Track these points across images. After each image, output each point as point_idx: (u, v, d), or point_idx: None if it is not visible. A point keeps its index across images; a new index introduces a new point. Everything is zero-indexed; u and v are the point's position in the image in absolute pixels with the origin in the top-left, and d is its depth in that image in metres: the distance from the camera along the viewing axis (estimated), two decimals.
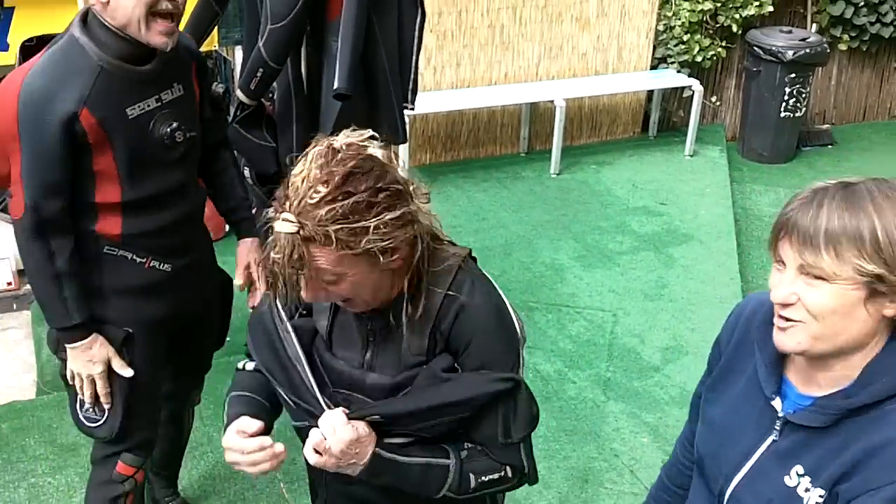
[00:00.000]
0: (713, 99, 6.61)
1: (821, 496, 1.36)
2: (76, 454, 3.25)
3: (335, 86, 2.69)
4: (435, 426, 1.60)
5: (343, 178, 1.45)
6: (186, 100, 2.27)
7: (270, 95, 2.90)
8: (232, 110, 2.85)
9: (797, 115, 6.27)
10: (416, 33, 2.97)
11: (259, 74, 2.74)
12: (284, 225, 1.46)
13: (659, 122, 6.50)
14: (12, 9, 4.09)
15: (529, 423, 1.65)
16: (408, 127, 5.32)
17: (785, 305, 1.33)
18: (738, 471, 1.47)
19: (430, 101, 5.53)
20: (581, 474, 3.31)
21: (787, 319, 1.34)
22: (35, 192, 2.09)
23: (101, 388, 2.31)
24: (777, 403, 1.44)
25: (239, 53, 4.48)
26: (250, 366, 1.82)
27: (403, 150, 5.38)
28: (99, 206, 2.20)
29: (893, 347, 1.34)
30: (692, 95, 6.13)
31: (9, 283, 4.26)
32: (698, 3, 6.17)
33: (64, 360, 2.34)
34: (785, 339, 1.36)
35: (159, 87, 2.18)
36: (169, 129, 2.19)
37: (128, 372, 2.31)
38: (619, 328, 4.21)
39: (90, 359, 2.27)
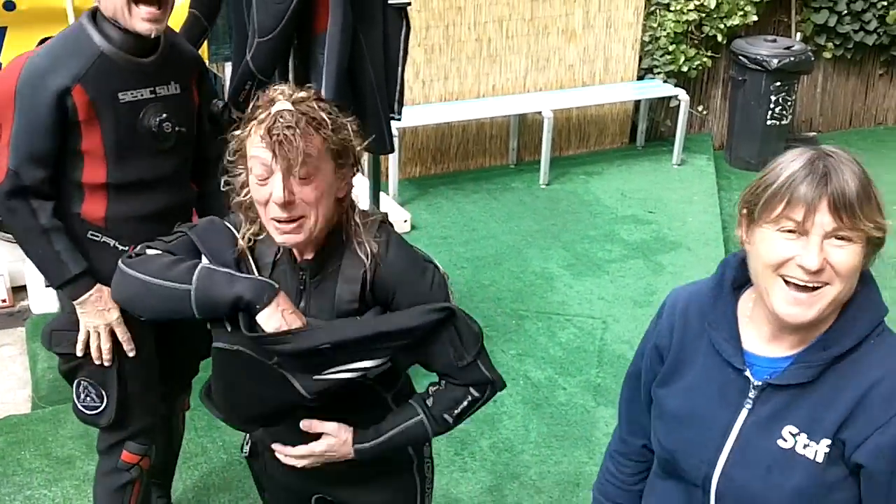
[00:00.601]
0: (700, 108, 6.69)
1: (828, 446, 1.41)
2: (71, 467, 3.28)
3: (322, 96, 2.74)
4: (377, 351, 1.70)
5: (317, 93, 1.71)
6: (182, 99, 2.37)
7: None
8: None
9: (783, 122, 6.35)
10: (402, 45, 3.03)
11: (248, 87, 2.79)
12: (286, 104, 1.63)
13: (646, 131, 6.57)
14: (4, 28, 4.13)
15: (476, 341, 1.78)
16: (397, 140, 5.39)
17: (817, 272, 1.37)
18: (721, 450, 1.49)
19: (419, 114, 5.59)
20: (572, 479, 3.34)
21: (814, 288, 1.38)
22: (19, 159, 2.18)
23: (122, 335, 2.35)
24: (749, 373, 1.48)
25: (229, 70, 4.54)
26: (152, 251, 1.81)
27: (393, 162, 5.44)
28: (85, 187, 2.28)
29: (861, 294, 1.43)
30: (679, 105, 6.20)
31: (3, 301, 4.29)
32: (683, 13, 6.25)
33: (63, 354, 2.38)
34: (807, 311, 1.40)
35: (155, 81, 2.28)
36: (158, 120, 2.28)
37: None
38: (609, 335, 4.25)
39: (104, 307, 2.30)
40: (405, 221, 5.14)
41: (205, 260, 1.77)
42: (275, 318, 1.67)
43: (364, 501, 1.99)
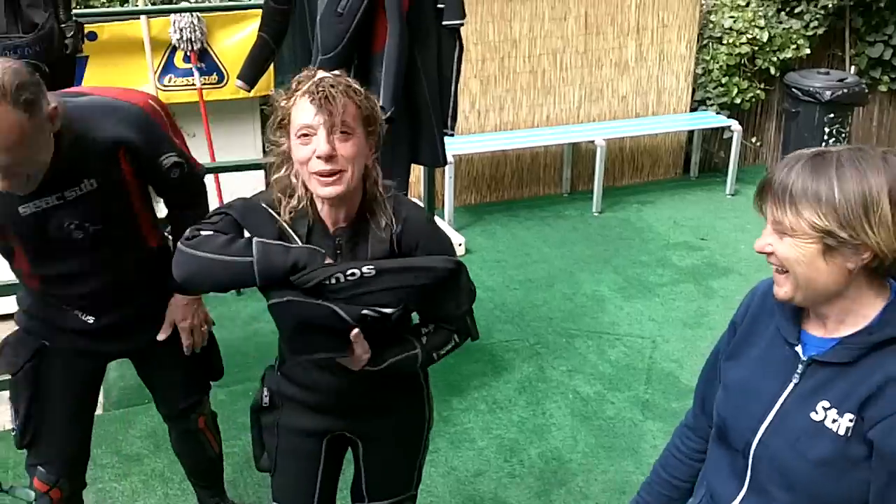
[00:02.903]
0: (753, 139, 6.74)
1: (850, 420, 1.50)
2: (140, 463, 3.46)
3: None
4: (402, 290, 1.95)
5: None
6: (100, 192, 2.23)
7: None
8: None
9: None
10: (455, 65, 3.19)
11: None
12: (327, 74, 1.90)
13: (700, 162, 6.65)
14: (86, 58, 4.41)
15: (471, 296, 2.10)
16: (453, 168, 5.57)
17: (769, 256, 1.52)
18: (763, 420, 1.60)
19: (475, 143, 5.77)
20: (619, 487, 3.41)
21: (777, 271, 1.54)
22: None
23: None
24: (799, 349, 1.59)
25: None
26: (205, 232, 1.98)
27: (449, 189, 5.60)
28: (21, 270, 2.37)
29: None
30: (732, 136, 6.28)
31: None
32: (735, 46, 6.35)
33: (12, 371, 2.47)
34: (777, 290, 1.56)
35: (61, 187, 2.17)
36: (66, 225, 2.22)
37: None
38: (658, 354, 4.32)
39: None
40: (459, 245, 5.29)
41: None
42: None
43: (378, 427, 2.25)
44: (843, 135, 6.34)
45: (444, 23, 3.12)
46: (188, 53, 4.64)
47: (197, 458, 2.96)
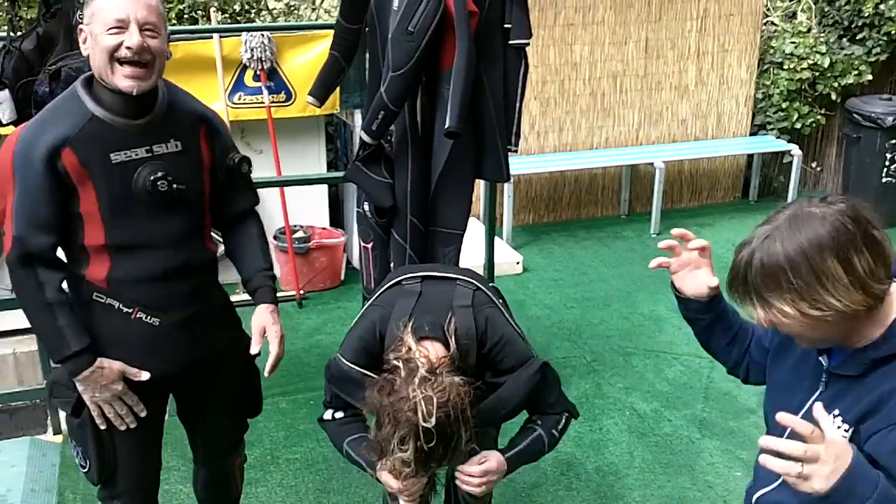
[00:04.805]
0: (813, 164, 6.71)
1: (846, 431, 1.58)
2: None
3: (446, 125, 3.00)
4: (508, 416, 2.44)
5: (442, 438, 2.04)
6: (184, 156, 2.32)
7: (389, 138, 3.23)
8: (355, 150, 3.18)
9: None
10: (520, 83, 3.27)
11: (380, 116, 3.07)
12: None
13: (759, 187, 6.63)
14: None
15: (559, 383, 2.47)
16: (512, 188, 5.64)
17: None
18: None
19: (534, 163, 5.84)
20: (675, 502, 3.42)
21: None
22: (21, 226, 2.18)
23: (131, 400, 2.34)
24: (824, 360, 1.68)
25: (358, 118, 4.90)
26: (339, 414, 2.43)
27: (507, 209, 5.68)
28: (88, 249, 2.27)
29: None
30: (792, 161, 6.26)
31: None
32: (796, 72, 6.35)
33: (72, 412, 2.38)
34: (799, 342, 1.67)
35: (152, 140, 2.26)
36: (153, 178, 2.24)
37: (145, 375, 2.34)
38: (716, 373, 4.32)
39: (105, 382, 2.29)
40: (517, 263, 5.35)
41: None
42: None
43: None
44: None
45: (511, 42, 3.19)
46: (258, 72, 4.79)
47: (221, 502, 2.89)
